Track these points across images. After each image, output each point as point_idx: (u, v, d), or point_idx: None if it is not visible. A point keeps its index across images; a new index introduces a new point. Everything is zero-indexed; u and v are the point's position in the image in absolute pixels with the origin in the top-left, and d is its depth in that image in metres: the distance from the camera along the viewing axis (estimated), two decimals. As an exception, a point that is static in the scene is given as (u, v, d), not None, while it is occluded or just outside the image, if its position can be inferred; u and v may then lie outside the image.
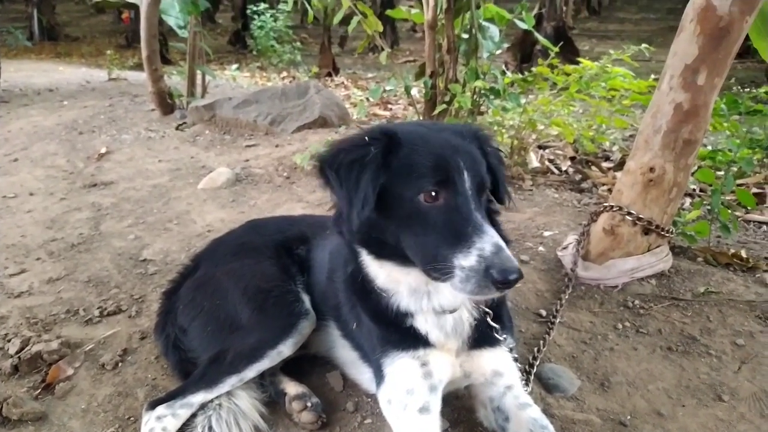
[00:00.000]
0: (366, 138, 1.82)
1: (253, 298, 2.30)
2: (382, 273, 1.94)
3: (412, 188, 1.74)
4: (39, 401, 2.37)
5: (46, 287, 3.32)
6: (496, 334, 2.02)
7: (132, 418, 2.27)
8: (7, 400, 2.29)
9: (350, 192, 1.77)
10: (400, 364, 1.97)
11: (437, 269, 1.69)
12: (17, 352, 2.63)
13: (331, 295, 2.34)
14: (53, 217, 4.45)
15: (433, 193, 1.72)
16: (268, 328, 2.23)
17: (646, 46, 4.65)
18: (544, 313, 2.89)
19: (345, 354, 2.38)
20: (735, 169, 3.74)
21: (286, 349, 2.22)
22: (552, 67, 4.96)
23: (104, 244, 3.90)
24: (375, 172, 1.75)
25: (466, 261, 1.64)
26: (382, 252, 1.88)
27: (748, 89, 7.41)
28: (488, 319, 2.01)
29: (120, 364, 2.60)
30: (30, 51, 19.14)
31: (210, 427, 2.10)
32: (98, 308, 3.04)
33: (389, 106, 8.86)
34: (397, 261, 1.86)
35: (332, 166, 1.82)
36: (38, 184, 5.30)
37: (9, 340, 2.72)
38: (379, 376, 2.03)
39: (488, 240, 1.64)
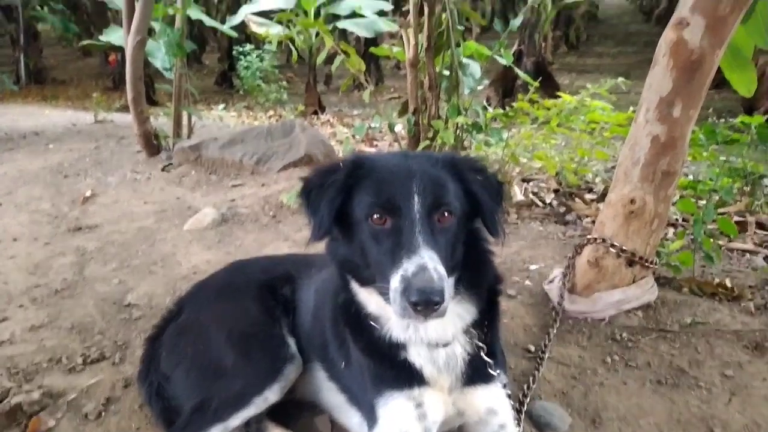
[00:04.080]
0: (339, 164, 1.91)
1: (237, 343, 2.27)
2: (371, 300, 1.93)
3: (363, 211, 1.79)
4: (17, 456, 2.31)
5: (28, 335, 3.25)
6: (490, 370, 2.00)
7: (114, 471, 2.22)
8: (-17, 456, 2.23)
9: (313, 212, 1.88)
10: (394, 406, 1.94)
11: (382, 292, 1.74)
12: (-4, 405, 2.56)
13: (318, 334, 2.31)
14: (37, 262, 4.39)
15: (379, 216, 1.76)
16: (253, 373, 2.19)
17: (623, 79, 4.76)
18: (532, 348, 2.88)
19: (332, 397, 2.34)
20: (716, 198, 3.79)
21: (272, 395, 2.18)
22: (532, 101, 5.06)
23: (88, 289, 3.85)
24: (333, 195, 1.83)
25: (393, 282, 1.66)
26: (365, 278, 1.89)
27: (725, 119, 7.58)
28: (482, 354, 1.99)
29: (103, 414, 2.53)
30: (16, 95, 19.17)
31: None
32: (81, 356, 2.98)
33: (375, 142, 8.94)
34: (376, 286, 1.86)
35: (304, 190, 1.95)
36: (22, 229, 5.25)
37: (-13, 393, 2.66)
38: (371, 418, 2.00)
39: (415, 261, 1.64)
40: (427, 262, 1.63)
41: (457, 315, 1.95)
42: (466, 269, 1.93)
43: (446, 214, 1.79)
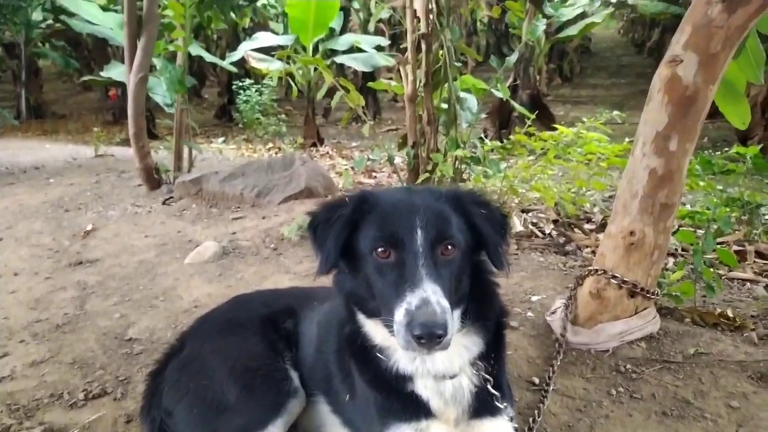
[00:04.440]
0: (345, 199, 1.95)
1: (240, 378, 2.26)
2: (378, 332, 1.94)
3: (368, 245, 1.82)
4: (18, 495, 2.28)
5: (29, 371, 3.23)
6: (497, 403, 2.00)
7: None
8: (-16, 495, 2.20)
9: (319, 246, 1.91)
10: None
11: (387, 324, 1.75)
12: (-4, 443, 2.55)
13: (321, 367, 2.31)
14: (38, 297, 4.39)
15: (383, 250, 1.78)
16: (256, 408, 2.18)
17: (618, 113, 4.85)
18: (536, 380, 2.87)
19: (335, 431, 2.33)
20: (714, 228, 3.83)
21: (275, 430, 2.16)
22: (529, 134, 5.13)
23: (89, 324, 3.84)
24: (339, 229, 1.86)
25: (397, 315, 1.68)
26: (371, 310, 1.90)
27: (720, 148, 7.67)
28: (489, 387, 1.99)
29: (105, 451, 2.52)
30: (17, 129, 19.31)
31: None
32: (83, 391, 2.97)
33: (374, 174, 9.01)
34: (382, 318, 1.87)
35: (311, 225, 1.98)
36: (23, 263, 5.25)
37: (-12, 430, 2.64)
38: None
39: (418, 294, 1.65)
40: (429, 296, 1.65)
41: (464, 347, 1.95)
42: (472, 301, 1.94)
43: (450, 247, 1.80)
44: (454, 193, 1.97)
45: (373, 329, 1.95)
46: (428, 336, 1.61)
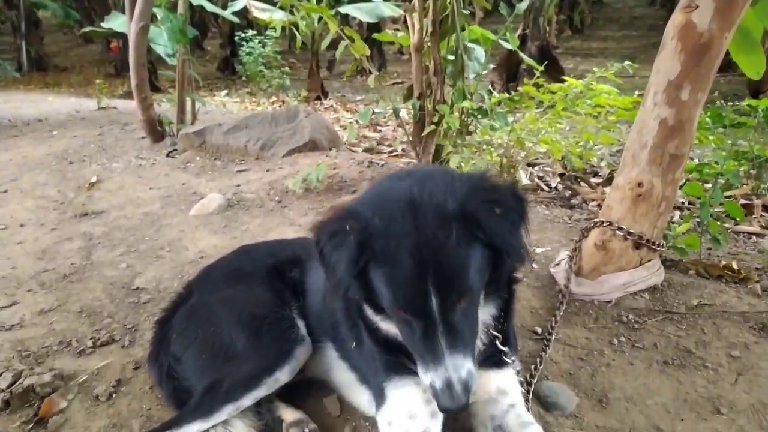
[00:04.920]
0: (345, 226, 1.70)
1: (247, 326, 2.28)
2: (383, 324, 1.95)
3: (384, 303, 1.74)
4: (31, 436, 2.33)
5: (37, 319, 3.28)
6: (505, 358, 2.02)
7: (126, 451, 2.25)
8: (-2, 436, 2.25)
9: (330, 275, 1.76)
10: (402, 389, 1.96)
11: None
12: (8, 387, 2.58)
13: (328, 315, 2.32)
14: (44, 247, 4.42)
15: (401, 311, 1.72)
16: (264, 355, 2.21)
17: (630, 63, 4.73)
18: (539, 330, 2.89)
19: (342, 376, 2.37)
20: (722, 181, 3.79)
21: (282, 376, 2.20)
22: (538, 86, 5.03)
23: (96, 274, 3.87)
24: (349, 264, 1.68)
25: (423, 378, 1.72)
26: (382, 310, 1.87)
27: (732, 102, 7.53)
28: (497, 343, 2.00)
29: (114, 395, 2.56)
30: (18, 82, 19.18)
31: (206, 457, 2.07)
32: (91, 339, 3.01)
33: (378, 127, 8.93)
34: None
35: (317, 246, 1.78)
36: (29, 215, 5.27)
37: (0, 374, 2.68)
38: (379, 398, 2.02)
39: (441, 374, 1.65)
40: (451, 375, 1.64)
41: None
42: (489, 284, 1.84)
43: (468, 296, 1.70)
44: (463, 210, 1.67)
45: (379, 321, 1.94)
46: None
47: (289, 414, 2.27)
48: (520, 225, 1.77)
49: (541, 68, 5.31)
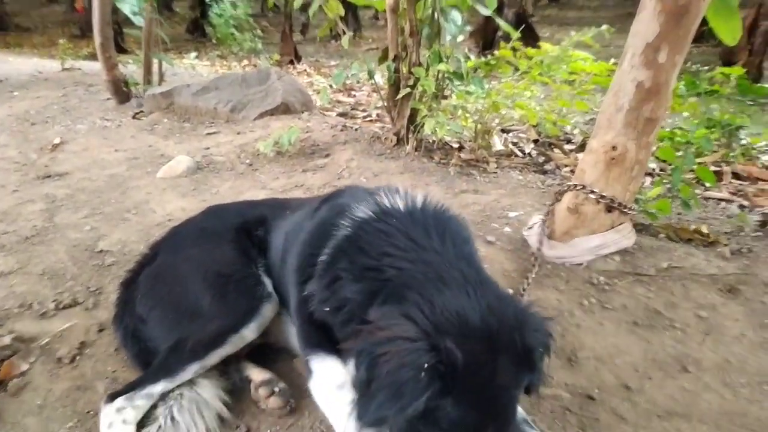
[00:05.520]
0: (419, 371, 1.39)
1: (213, 284, 2.23)
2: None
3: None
4: (-10, 399, 2.26)
5: (-3, 281, 3.17)
6: None
7: (91, 412, 2.17)
8: (-45, 398, 2.17)
9: (376, 405, 1.43)
10: (327, 363, 1.92)
11: None
12: (-34, 349, 2.50)
13: (283, 277, 2.29)
14: (5, 209, 4.25)
15: None
16: (229, 313, 2.16)
17: (607, 26, 4.69)
18: (511, 291, 2.88)
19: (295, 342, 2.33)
20: (694, 149, 3.81)
21: (249, 333, 2.16)
22: (514, 50, 4.97)
23: (59, 236, 3.74)
24: (422, 401, 1.39)
25: None
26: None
27: (704, 72, 7.57)
28: None
29: (78, 358, 2.49)
30: (-23, 42, 18.36)
31: (172, 418, 2.02)
32: (53, 301, 2.91)
33: (353, 92, 8.79)
34: None
35: (371, 372, 1.46)
36: (-12, 176, 5.07)
37: (-42, 337, 2.59)
38: (308, 370, 1.98)
39: None
40: None
41: None
42: None
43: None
44: (525, 347, 1.52)
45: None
46: None
47: (257, 374, 2.24)
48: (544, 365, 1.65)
49: (518, 34, 5.23)
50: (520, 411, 1.91)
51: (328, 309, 1.78)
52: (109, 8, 7.24)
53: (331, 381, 1.88)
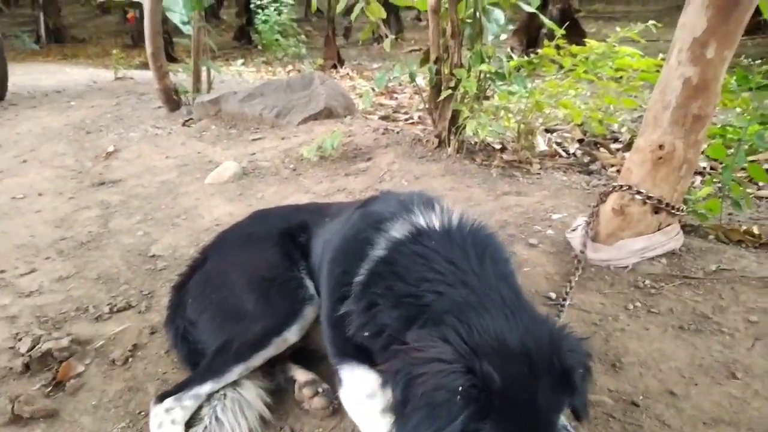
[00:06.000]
0: (455, 395, 1.39)
1: (257, 288, 2.30)
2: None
3: None
4: (50, 399, 2.37)
5: (56, 286, 3.33)
6: None
7: (143, 413, 2.27)
8: (18, 398, 2.29)
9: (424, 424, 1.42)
10: (357, 372, 1.95)
11: None
12: (28, 351, 2.63)
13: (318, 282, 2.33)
14: (62, 216, 4.47)
15: None
16: (272, 315, 2.22)
17: (653, 22, 4.57)
18: (553, 295, 2.86)
19: None
20: (746, 146, 3.67)
21: (291, 335, 2.22)
22: (558, 48, 4.90)
23: (113, 242, 3.91)
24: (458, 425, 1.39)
25: None
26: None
27: (760, 62, 7.27)
28: None
29: (130, 360, 2.60)
30: (37, 54, 19.25)
31: (216, 417, 2.10)
32: (108, 305, 3.05)
33: (394, 95, 8.82)
34: None
35: (407, 393, 1.47)
36: (47, 184, 5.32)
37: (20, 339, 2.73)
38: (338, 379, 2.02)
39: None
40: None
41: None
42: None
43: None
44: (563, 368, 1.51)
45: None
46: None
47: (302, 375, 2.29)
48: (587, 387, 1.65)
49: (562, 31, 5.15)
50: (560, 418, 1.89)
51: (367, 334, 1.78)
52: (160, 18, 7.50)
53: (361, 390, 1.91)
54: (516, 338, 1.49)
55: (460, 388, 1.38)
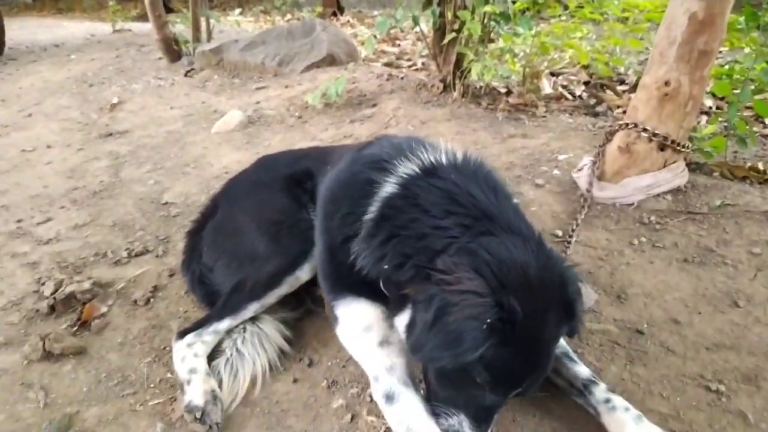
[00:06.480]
0: (487, 321, 1.47)
1: (267, 230, 2.36)
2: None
3: (480, 374, 1.57)
4: (77, 337, 2.47)
5: (72, 233, 3.41)
6: None
7: (167, 348, 2.36)
8: (48, 336, 2.39)
9: (448, 342, 1.51)
10: (355, 306, 1.99)
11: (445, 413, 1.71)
12: (52, 294, 2.73)
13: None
14: (72, 167, 4.52)
15: (491, 389, 1.61)
16: (284, 255, 2.28)
17: (661, -41, 4.48)
18: (560, 233, 2.92)
19: None
20: (753, 86, 3.66)
21: (303, 274, 2.29)
22: (564, -13, 4.82)
23: (125, 190, 3.97)
24: (480, 346, 1.48)
25: (455, 418, 1.67)
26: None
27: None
28: None
29: (152, 300, 2.70)
30: (31, 8, 18.90)
31: (237, 349, 2.21)
32: (126, 250, 3.13)
33: (397, 41, 8.69)
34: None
35: (438, 317, 1.53)
36: (54, 136, 5.35)
37: (43, 283, 2.83)
38: (334, 317, 2.05)
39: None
40: None
41: None
42: None
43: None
44: (568, 299, 1.64)
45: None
46: None
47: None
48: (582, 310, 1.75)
49: (568, -30, 5.05)
50: (563, 344, 1.98)
51: (387, 266, 1.78)
52: (156, -34, 7.36)
53: (358, 324, 1.96)
54: (536, 273, 1.58)
55: (489, 320, 1.47)
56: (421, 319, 1.59)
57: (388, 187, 1.90)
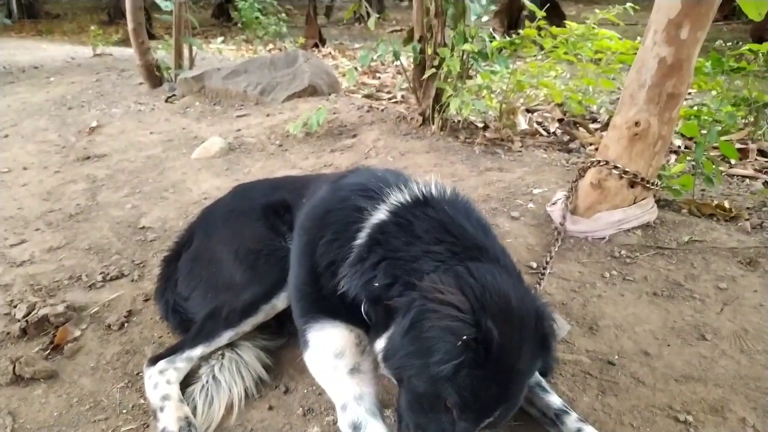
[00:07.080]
0: (462, 337, 1.51)
1: (245, 259, 2.36)
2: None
3: (452, 397, 1.56)
4: (49, 361, 2.43)
5: (47, 256, 3.37)
6: None
7: (140, 374, 2.33)
8: (19, 359, 2.35)
9: (421, 352, 1.55)
10: (328, 330, 1.98)
11: None
12: (24, 317, 2.68)
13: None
14: (49, 189, 4.48)
15: (460, 414, 1.59)
16: (261, 283, 2.28)
17: (631, 4, 4.69)
18: (534, 265, 2.99)
19: None
20: (719, 127, 3.82)
21: (279, 302, 2.28)
22: (539, 29, 5.00)
23: (102, 214, 3.94)
24: (455, 365, 1.51)
25: None
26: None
27: (732, 45, 7.45)
28: None
29: (126, 325, 2.67)
30: (9, 29, 18.79)
31: (214, 377, 2.19)
32: (101, 274, 3.10)
33: (377, 74, 8.85)
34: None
35: (414, 322, 1.58)
36: (31, 158, 5.30)
37: (15, 306, 2.78)
38: (303, 342, 2.05)
39: None
40: None
41: None
42: None
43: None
44: (542, 335, 1.69)
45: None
46: None
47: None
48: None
49: (543, 13, 5.25)
50: (536, 375, 2.01)
51: (378, 284, 1.80)
52: (140, -6, 7.43)
53: (329, 349, 1.95)
54: (516, 305, 1.63)
55: (464, 337, 1.50)
56: (397, 325, 1.63)
57: (380, 214, 1.94)
